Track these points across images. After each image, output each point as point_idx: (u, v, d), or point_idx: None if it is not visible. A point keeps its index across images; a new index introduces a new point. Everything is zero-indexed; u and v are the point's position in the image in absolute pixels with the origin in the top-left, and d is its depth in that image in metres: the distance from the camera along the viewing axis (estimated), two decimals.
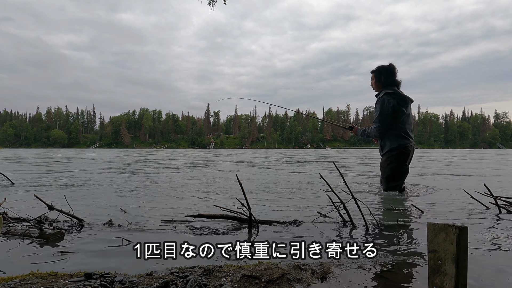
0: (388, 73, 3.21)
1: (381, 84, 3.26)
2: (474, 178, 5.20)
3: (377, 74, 3.28)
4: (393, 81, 3.21)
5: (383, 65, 3.28)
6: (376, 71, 3.29)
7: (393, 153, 3.16)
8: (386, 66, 3.26)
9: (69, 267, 1.24)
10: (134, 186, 3.83)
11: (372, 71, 3.34)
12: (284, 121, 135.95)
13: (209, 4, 6.99)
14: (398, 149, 3.15)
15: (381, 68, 3.26)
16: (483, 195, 2.53)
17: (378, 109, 3.17)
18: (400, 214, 2.29)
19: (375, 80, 3.30)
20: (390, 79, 3.21)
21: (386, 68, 3.24)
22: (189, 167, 7.70)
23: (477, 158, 14.28)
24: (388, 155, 3.21)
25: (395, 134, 3.16)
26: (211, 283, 1.05)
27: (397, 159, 3.16)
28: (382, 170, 3.30)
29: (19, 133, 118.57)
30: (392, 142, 3.17)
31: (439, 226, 0.85)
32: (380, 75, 3.24)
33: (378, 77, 3.27)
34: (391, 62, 3.27)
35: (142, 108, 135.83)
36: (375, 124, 3.22)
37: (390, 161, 3.19)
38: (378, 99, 3.23)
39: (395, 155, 3.16)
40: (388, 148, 3.19)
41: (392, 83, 3.21)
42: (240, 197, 1.96)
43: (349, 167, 8.06)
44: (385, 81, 3.23)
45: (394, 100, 3.09)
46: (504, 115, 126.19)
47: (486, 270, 1.24)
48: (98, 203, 2.68)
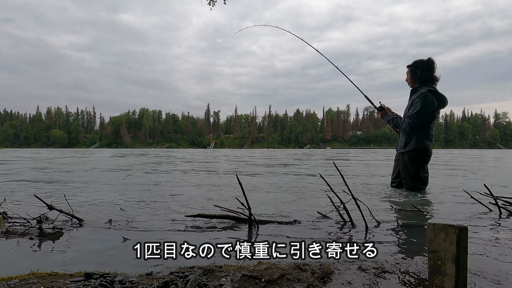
0: (426, 68, 3.05)
1: (417, 79, 3.11)
2: (474, 178, 5.20)
3: (413, 68, 3.13)
4: (430, 77, 3.05)
5: (421, 59, 3.10)
6: (412, 66, 3.14)
7: (418, 153, 3.07)
8: (424, 60, 3.08)
9: (69, 267, 1.24)
10: (134, 186, 3.83)
11: (408, 65, 3.18)
12: (284, 121, 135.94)
13: (209, 4, 6.98)
14: (424, 150, 3.06)
15: (418, 62, 3.10)
16: (483, 195, 2.53)
17: (419, 104, 2.97)
18: (400, 214, 2.29)
19: (411, 75, 3.15)
20: (427, 74, 3.05)
21: (424, 63, 3.07)
22: (189, 167, 7.70)
23: (477, 158, 14.28)
24: (412, 154, 3.10)
25: (424, 134, 3.05)
26: (211, 283, 1.05)
27: (422, 160, 3.08)
28: (405, 169, 3.18)
29: (19, 133, 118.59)
30: (418, 142, 3.05)
31: (439, 226, 0.85)
32: (417, 70, 3.09)
33: (414, 72, 3.12)
34: (430, 57, 3.08)
35: (142, 108, 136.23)
36: (410, 119, 3.03)
37: (414, 161, 3.09)
38: (419, 94, 3.02)
39: (420, 156, 3.07)
40: (413, 147, 3.07)
41: (429, 79, 3.05)
42: (240, 197, 1.96)
43: (349, 167, 8.06)
44: (422, 76, 3.07)
45: (437, 100, 2.96)
46: (504, 115, 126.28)
47: (486, 270, 1.24)
48: (98, 203, 2.68)
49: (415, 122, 3.00)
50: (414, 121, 3.00)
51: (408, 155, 3.13)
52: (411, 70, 3.14)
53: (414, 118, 2.99)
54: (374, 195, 3.20)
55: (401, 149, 3.22)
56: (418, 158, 3.08)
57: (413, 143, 3.07)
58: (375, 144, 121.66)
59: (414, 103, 3.04)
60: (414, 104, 3.04)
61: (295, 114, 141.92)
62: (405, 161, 3.16)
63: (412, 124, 3.01)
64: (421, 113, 2.96)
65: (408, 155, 3.13)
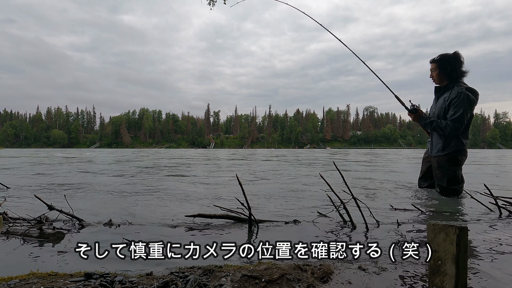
0: (456, 63, 2.84)
1: (447, 76, 2.89)
2: (474, 178, 5.19)
3: (441, 63, 2.90)
4: (460, 73, 2.86)
5: (447, 53, 2.89)
6: (440, 61, 2.91)
7: (458, 155, 2.91)
8: (451, 54, 2.87)
9: (69, 267, 1.24)
10: (134, 186, 3.83)
11: (434, 60, 2.95)
12: (284, 121, 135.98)
13: (209, 4, 6.98)
14: (463, 152, 2.91)
15: (446, 57, 2.88)
16: (484, 195, 2.53)
17: (462, 106, 2.76)
18: (400, 214, 2.29)
19: (439, 71, 2.92)
20: (457, 70, 2.85)
21: (453, 57, 2.85)
22: (189, 167, 7.70)
23: (477, 158, 14.27)
24: (451, 156, 2.92)
25: (464, 135, 2.90)
26: (211, 283, 1.05)
27: (460, 161, 2.92)
28: (441, 171, 2.98)
29: (19, 133, 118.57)
30: (459, 143, 2.89)
31: (439, 226, 0.85)
32: (446, 66, 2.87)
33: (443, 67, 2.89)
34: (456, 51, 2.88)
35: (142, 108, 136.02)
36: (456, 122, 2.79)
37: (453, 163, 2.92)
38: (458, 94, 2.78)
39: (459, 158, 2.92)
40: (454, 149, 2.90)
41: (460, 75, 2.87)
42: (240, 197, 1.96)
43: (349, 166, 8.06)
44: (452, 72, 2.86)
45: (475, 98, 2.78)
46: (504, 115, 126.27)
47: (486, 270, 1.24)
48: (98, 203, 2.68)
49: (461, 125, 2.81)
50: (461, 124, 2.80)
51: (447, 157, 2.94)
52: (439, 65, 2.91)
53: (460, 121, 2.79)
54: (374, 195, 3.20)
55: (438, 152, 3.00)
56: (457, 160, 2.92)
57: (454, 145, 2.90)
58: (375, 144, 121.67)
59: (454, 104, 2.81)
60: (455, 105, 2.80)
61: (295, 114, 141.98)
62: (442, 163, 2.97)
63: (459, 127, 2.81)
64: (465, 115, 2.78)
65: (446, 157, 2.94)
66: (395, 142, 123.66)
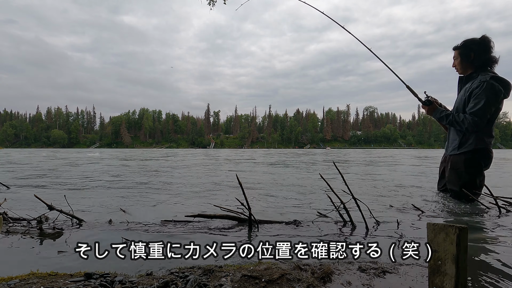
0: (482, 49, 2.48)
1: (471, 64, 2.55)
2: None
3: (464, 50, 2.57)
4: (488, 59, 2.49)
5: (473, 38, 2.53)
6: (462, 47, 2.58)
7: (477, 155, 2.53)
8: (477, 39, 2.51)
9: (69, 267, 1.24)
10: (134, 186, 3.82)
11: (457, 46, 2.63)
12: (284, 121, 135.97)
13: (209, 4, 6.98)
14: (485, 151, 2.52)
15: (470, 42, 2.53)
16: (484, 195, 2.53)
17: (483, 96, 2.38)
18: (400, 214, 2.29)
19: (461, 58, 2.59)
20: (484, 56, 2.48)
21: (478, 42, 2.49)
22: (189, 167, 7.70)
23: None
24: (468, 156, 2.55)
25: (485, 131, 2.50)
26: (211, 283, 1.05)
27: (480, 163, 2.55)
28: (455, 173, 2.65)
29: (19, 133, 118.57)
30: (479, 141, 2.50)
31: (439, 226, 0.85)
32: (470, 52, 2.53)
33: (466, 54, 2.55)
34: (484, 34, 2.50)
35: (142, 108, 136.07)
36: (476, 116, 2.41)
37: (470, 164, 2.55)
38: (480, 83, 2.42)
39: (479, 158, 2.54)
40: (472, 147, 2.52)
41: (486, 62, 2.49)
42: (240, 197, 1.96)
43: (349, 167, 8.06)
44: (477, 60, 2.51)
45: (503, 89, 2.39)
46: (504, 115, 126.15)
47: (486, 270, 1.24)
48: (98, 203, 2.68)
49: (482, 120, 2.41)
50: (481, 119, 2.41)
51: (464, 157, 2.57)
52: (462, 53, 2.57)
53: (481, 114, 2.39)
54: (374, 195, 3.20)
55: (454, 151, 2.65)
56: (476, 162, 2.53)
57: (471, 142, 2.52)
58: (375, 144, 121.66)
59: (475, 95, 2.43)
60: (475, 96, 2.43)
61: (295, 114, 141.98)
62: (457, 163, 2.61)
63: (479, 122, 2.41)
64: (487, 108, 2.38)
65: (464, 156, 2.57)
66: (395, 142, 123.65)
